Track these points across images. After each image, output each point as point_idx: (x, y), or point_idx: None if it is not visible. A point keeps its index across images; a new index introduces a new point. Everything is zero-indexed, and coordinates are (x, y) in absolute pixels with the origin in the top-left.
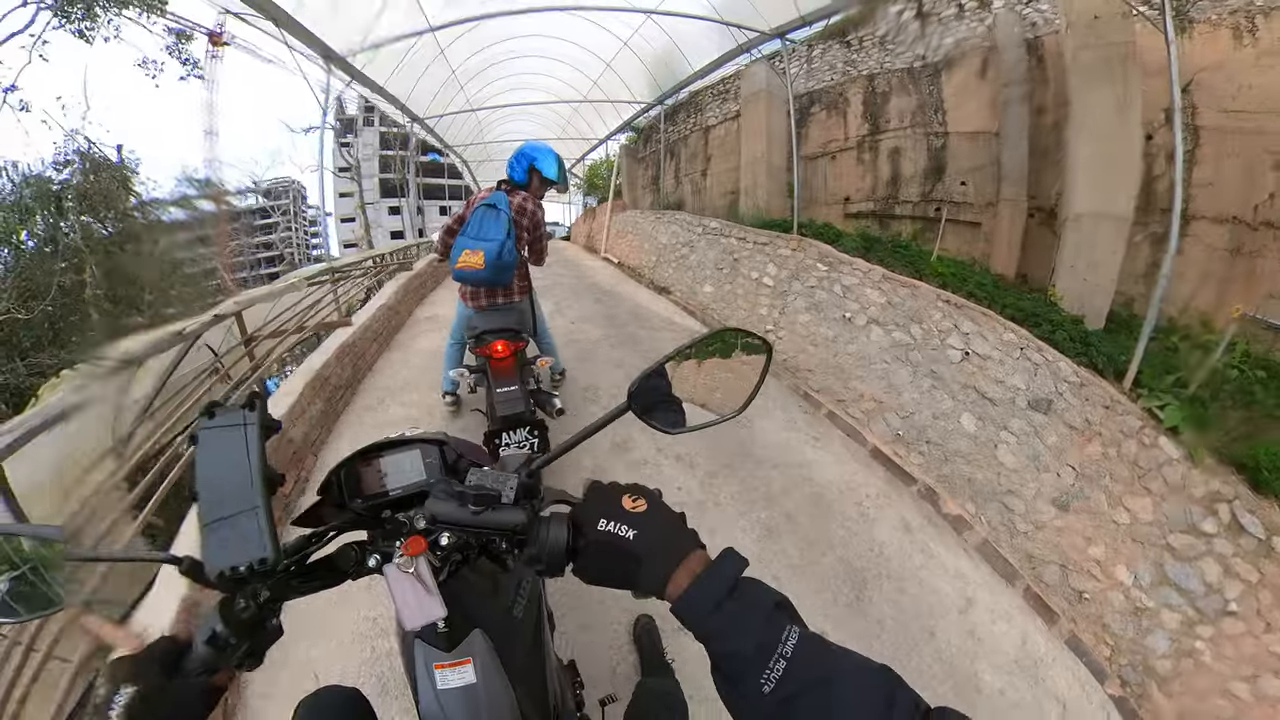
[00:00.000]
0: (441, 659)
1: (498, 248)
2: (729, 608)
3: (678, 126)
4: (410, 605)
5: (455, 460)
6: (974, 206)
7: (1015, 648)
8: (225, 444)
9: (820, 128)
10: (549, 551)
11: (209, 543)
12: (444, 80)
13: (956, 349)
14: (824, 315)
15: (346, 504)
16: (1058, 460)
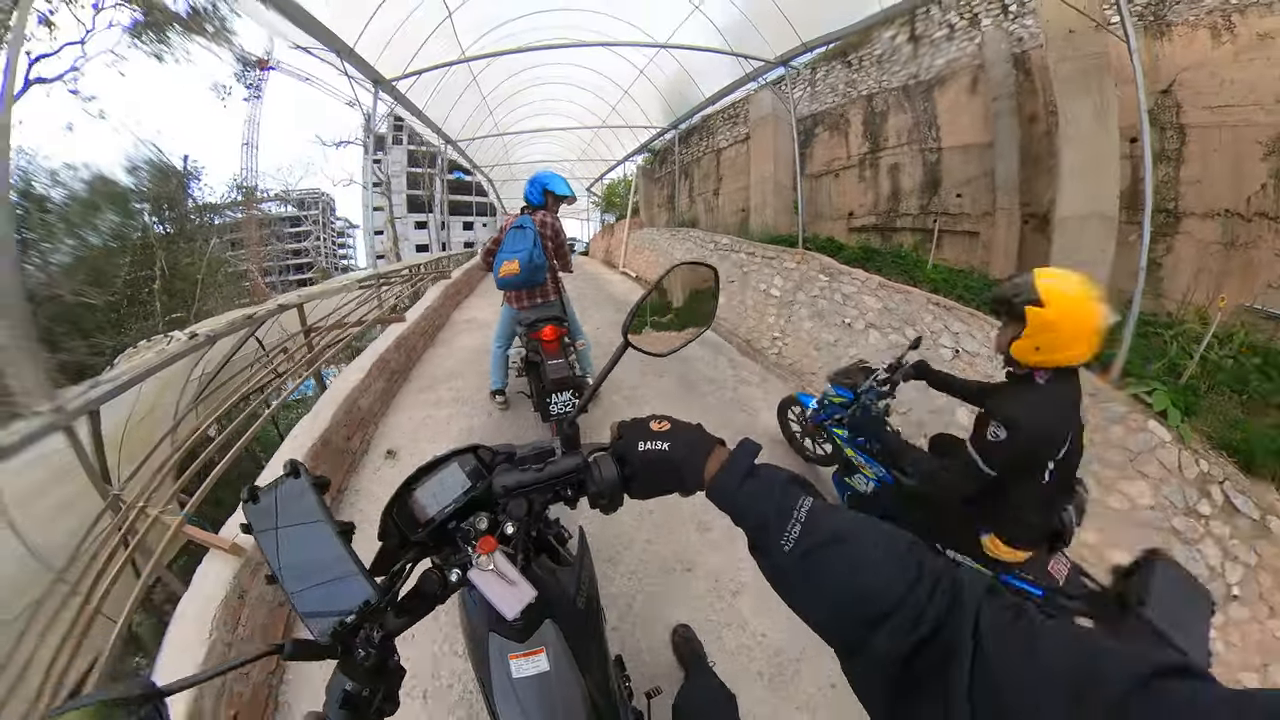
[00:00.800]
0: (515, 649)
1: (527, 255)
2: (749, 485)
3: (691, 148)
4: (501, 596)
5: (492, 458)
6: (970, 216)
7: None
8: (285, 517)
9: (824, 147)
10: (607, 485)
11: (307, 611)
12: (475, 106)
13: (948, 348)
14: (826, 322)
15: (409, 538)
16: None
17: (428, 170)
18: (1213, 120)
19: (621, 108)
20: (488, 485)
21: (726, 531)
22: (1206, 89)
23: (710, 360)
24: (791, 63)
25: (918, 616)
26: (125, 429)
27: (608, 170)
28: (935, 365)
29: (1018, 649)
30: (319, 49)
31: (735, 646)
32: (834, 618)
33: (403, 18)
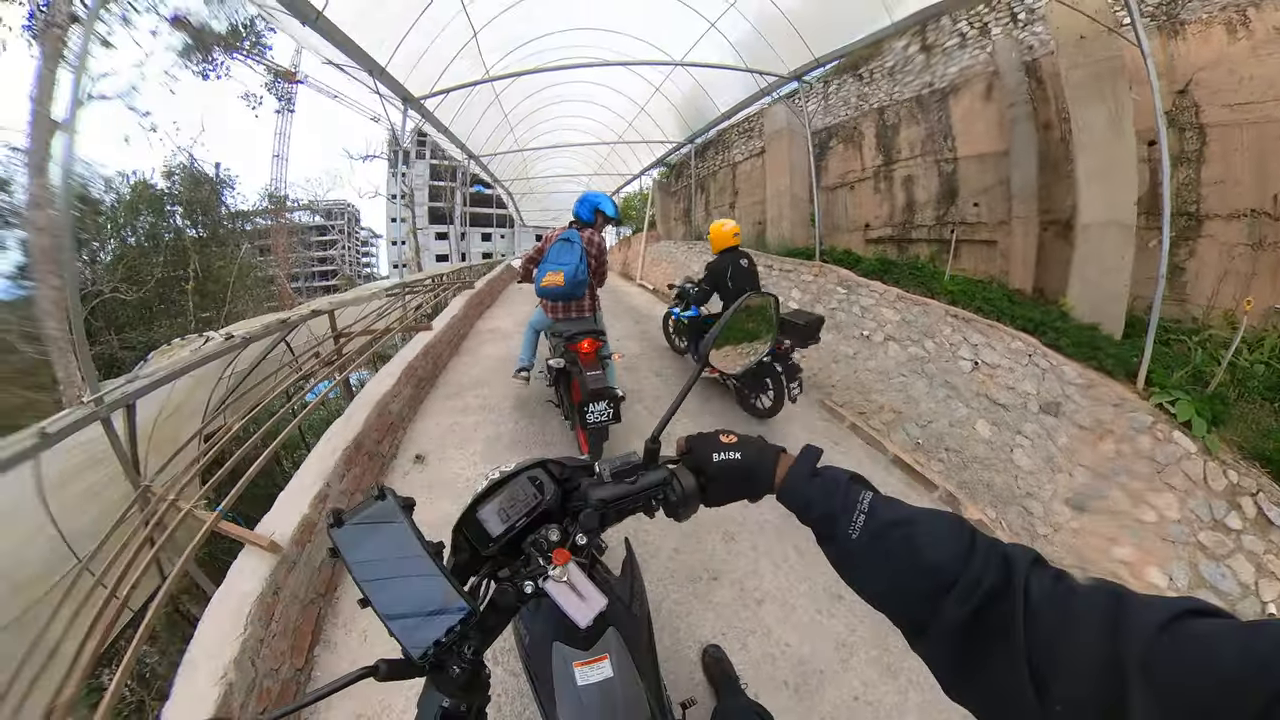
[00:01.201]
0: (580, 657)
1: (573, 269)
2: (816, 483)
3: (707, 162)
4: (576, 606)
5: (561, 471)
6: (988, 226)
7: None
8: (372, 540)
9: (839, 160)
10: (687, 494)
11: (403, 632)
12: (497, 122)
13: (967, 360)
14: (844, 334)
15: (480, 553)
16: (1070, 461)
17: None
18: (1233, 118)
19: (638, 123)
20: (559, 498)
21: (751, 540)
22: (1225, 87)
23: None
24: (804, 77)
25: (975, 583)
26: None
27: (625, 184)
28: (954, 377)
29: (1063, 609)
30: (352, 67)
31: (760, 655)
32: (901, 593)
33: (431, 38)
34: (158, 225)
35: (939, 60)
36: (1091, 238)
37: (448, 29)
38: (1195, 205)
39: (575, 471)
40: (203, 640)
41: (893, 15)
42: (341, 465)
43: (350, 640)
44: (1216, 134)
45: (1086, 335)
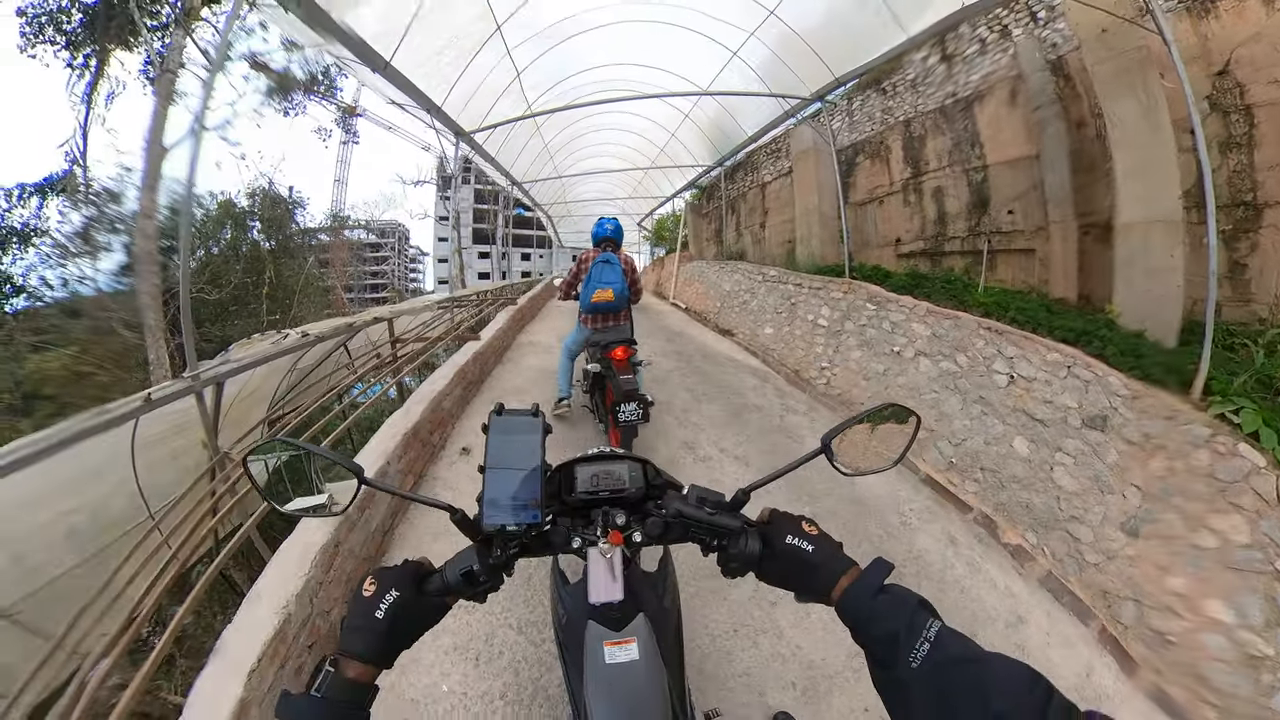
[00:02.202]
0: (611, 636)
1: (620, 286)
2: (881, 599)
3: (736, 183)
4: (601, 583)
5: (655, 476)
6: (1024, 234)
7: (1077, 677)
8: (512, 435)
9: (866, 175)
10: (745, 556)
11: (491, 503)
12: (538, 151)
13: (1002, 374)
14: (874, 351)
15: (563, 497)
16: (1121, 480)
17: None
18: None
19: (669, 149)
20: (641, 494)
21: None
22: (1267, 62)
23: (758, 389)
24: (826, 97)
25: None
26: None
27: (658, 206)
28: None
29: None
30: (412, 106)
31: (770, 654)
32: None
33: (480, 80)
34: (238, 238)
35: (960, 69)
36: (1134, 238)
37: (494, 71)
38: (1252, 193)
39: (666, 485)
40: (269, 576)
41: (908, 30)
42: (400, 448)
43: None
44: (1266, 114)
45: (1132, 343)
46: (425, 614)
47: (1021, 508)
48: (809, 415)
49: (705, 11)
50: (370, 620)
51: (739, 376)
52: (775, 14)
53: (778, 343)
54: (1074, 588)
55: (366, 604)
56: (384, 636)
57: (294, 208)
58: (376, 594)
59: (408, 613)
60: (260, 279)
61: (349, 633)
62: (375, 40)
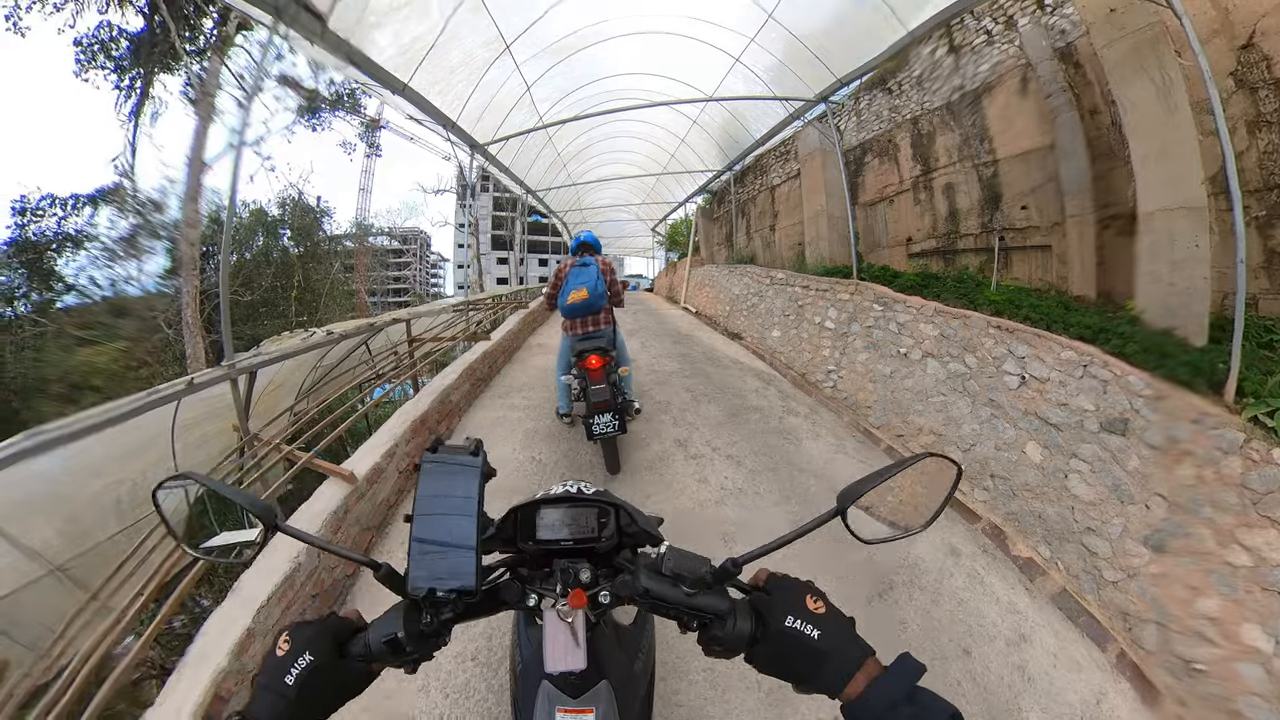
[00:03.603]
0: (566, 704)
1: (593, 284)
2: (905, 712)
3: (746, 187)
4: (558, 650)
5: (630, 524)
6: (1040, 229)
7: (1085, 704)
8: (447, 479)
9: (875, 175)
10: (734, 640)
11: (417, 562)
12: (551, 160)
13: (1013, 374)
14: (881, 352)
15: (517, 542)
16: (1143, 489)
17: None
18: None
19: (680, 154)
20: (613, 544)
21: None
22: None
23: (761, 391)
24: (830, 99)
25: None
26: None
27: (670, 211)
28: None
29: None
30: (429, 122)
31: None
32: None
33: (492, 95)
34: (270, 244)
35: (967, 61)
36: (1155, 227)
37: (504, 86)
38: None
39: (643, 533)
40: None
41: (907, 25)
42: (409, 433)
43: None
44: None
45: (1155, 340)
46: (344, 683)
47: (1034, 518)
48: (810, 419)
49: (707, 20)
50: (279, 684)
51: (742, 379)
52: (773, 17)
53: (785, 345)
54: (1090, 607)
55: (277, 665)
56: (293, 704)
57: (321, 216)
58: (289, 655)
59: (323, 680)
60: (290, 282)
61: (258, 693)
62: (393, 64)
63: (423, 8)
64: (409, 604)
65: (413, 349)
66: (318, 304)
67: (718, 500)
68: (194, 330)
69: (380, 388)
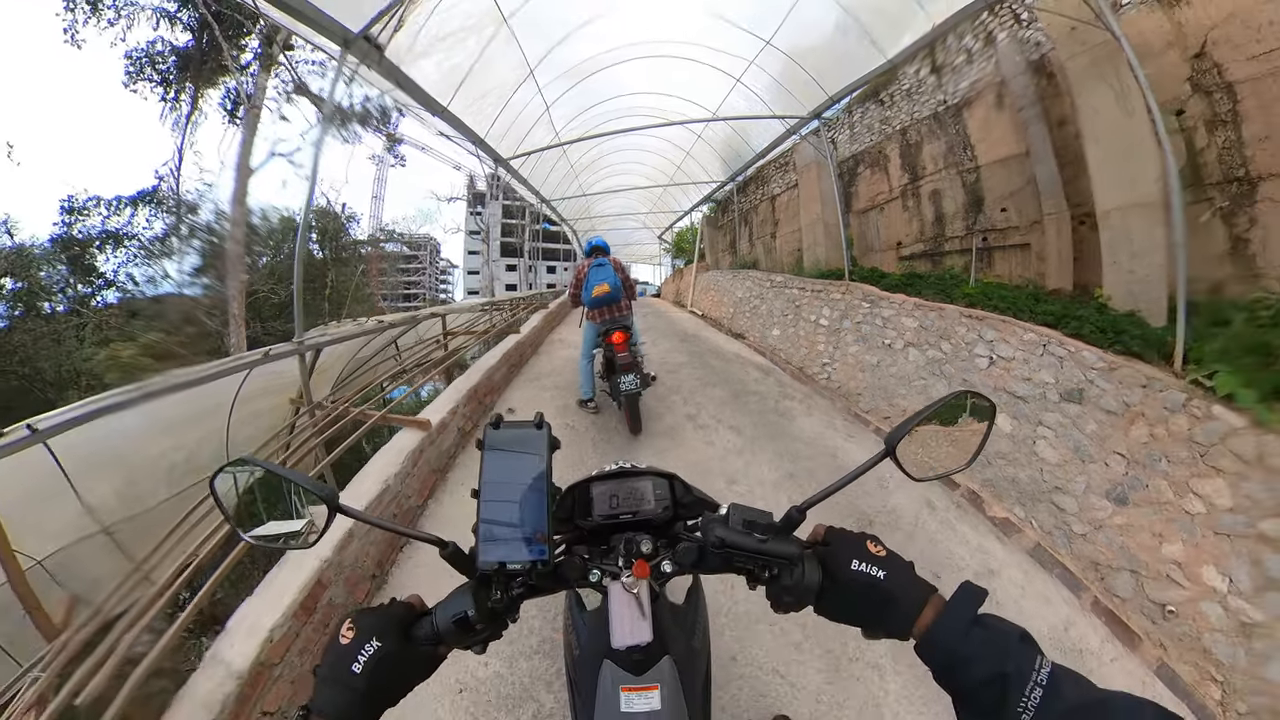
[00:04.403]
0: (630, 682)
1: (612, 280)
2: (976, 635)
3: (748, 197)
4: (624, 623)
5: (685, 493)
6: (1019, 229)
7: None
8: (513, 454)
9: (867, 184)
10: (804, 587)
11: (487, 537)
12: (565, 172)
13: (983, 356)
14: (869, 345)
15: (575, 520)
16: (1102, 449)
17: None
18: (1261, 69)
19: (685, 166)
20: (669, 515)
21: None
22: (1243, 40)
23: (760, 380)
24: (823, 115)
25: None
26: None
27: (676, 220)
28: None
29: None
30: (459, 138)
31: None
32: None
33: (516, 114)
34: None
35: (950, 78)
36: (1114, 223)
37: (528, 107)
38: (1243, 168)
39: (697, 501)
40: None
41: (885, 54)
42: (465, 398)
43: (443, 506)
44: (1248, 89)
45: (1109, 320)
46: (412, 667)
47: (1007, 482)
48: (804, 402)
49: (710, 45)
50: (345, 675)
51: (744, 370)
52: (771, 44)
53: (784, 342)
54: (1064, 559)
55: (342, 653)
56: (362, 696)
57: (348, 222)
58: (354, 642)
59: (391, 667)
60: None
61: (322, 686)
62: (435, 89)
63: (462, 39)
64: (476, 584)
65: (446, 341)
66: (344, 304)
67: (722, 457)
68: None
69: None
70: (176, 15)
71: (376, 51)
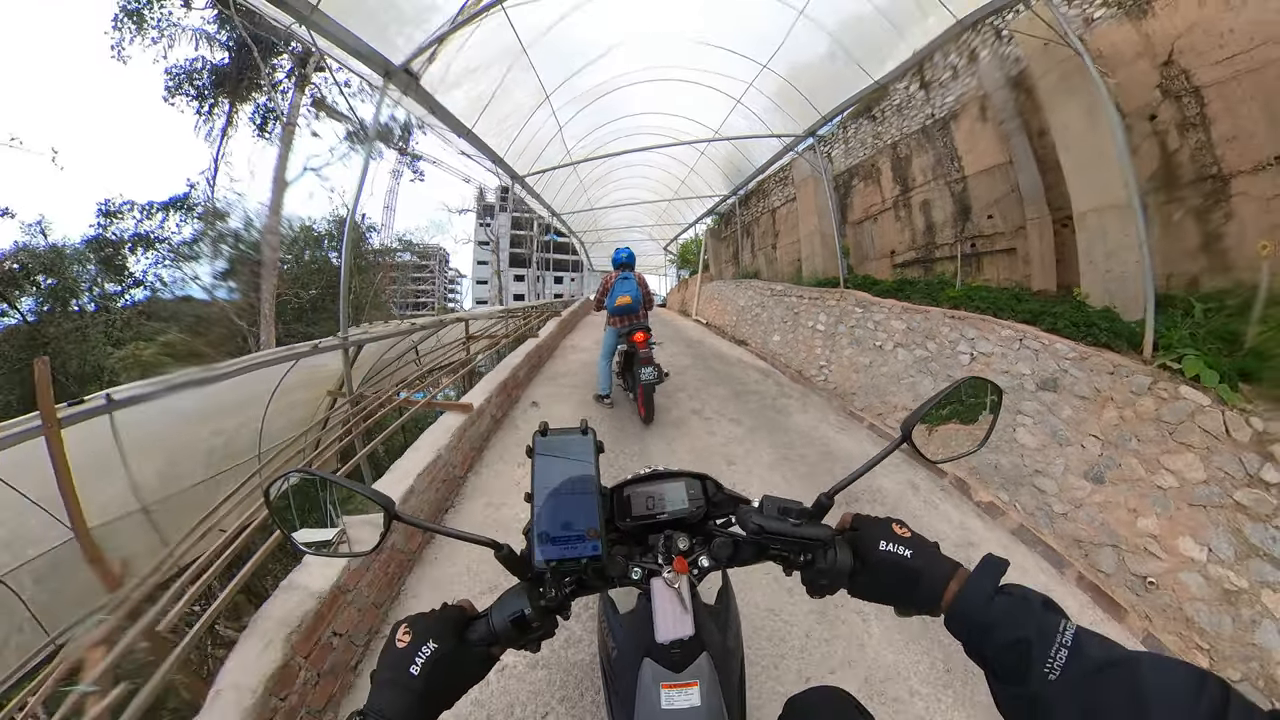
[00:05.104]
0: (670, 679)
1: (636, 293)
2: (1000, 602)
3: (750, 209)
4: (667, 618)
5: (717, 492)
6: (1005, 234)
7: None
8: (561, 458)
9: (861, 196)
10: (838, 570)
11: (542, 536)
12: (574, 187)
13: (965, 353)
14: (862, 347)
15: (614, 522)
16: (1078, 432)
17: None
18: (1226, 74)
19: (690, 181)
20: (702, 514)
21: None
22: (1207, 47)
23: (760, 381)
24: (817, 132)
25: None
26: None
27: (681, 232)
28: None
29: None
30: (479, 156)
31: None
32: None
33: (532, 134)
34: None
35: (937, 93)
36: (1089, 225)
37: (542, 128)
38: (1215, 166)
39: (729, 500)
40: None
41: (873, 75)
42: (498, 390)
43: (481, 478)
44: (1214, 92)
45: (1081, 315)
46: (469, 669)
47: (991, 469)
48: (800, 401)
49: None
50: (404, 677)
51: (745, 373)
52: (767, 66)
53: (784, 348)
54: (1047, 538)
55: (399, 657)
56: (420, 697)
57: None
58: (411, 645)
59: (448, 668)
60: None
61: (379, 689)
62: (462, 113)
63: (487, 69)
64: (528, 583)
65: (468, 344)
66: (363, 309)
67: (723, 443)
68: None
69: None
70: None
71: (413, 81)
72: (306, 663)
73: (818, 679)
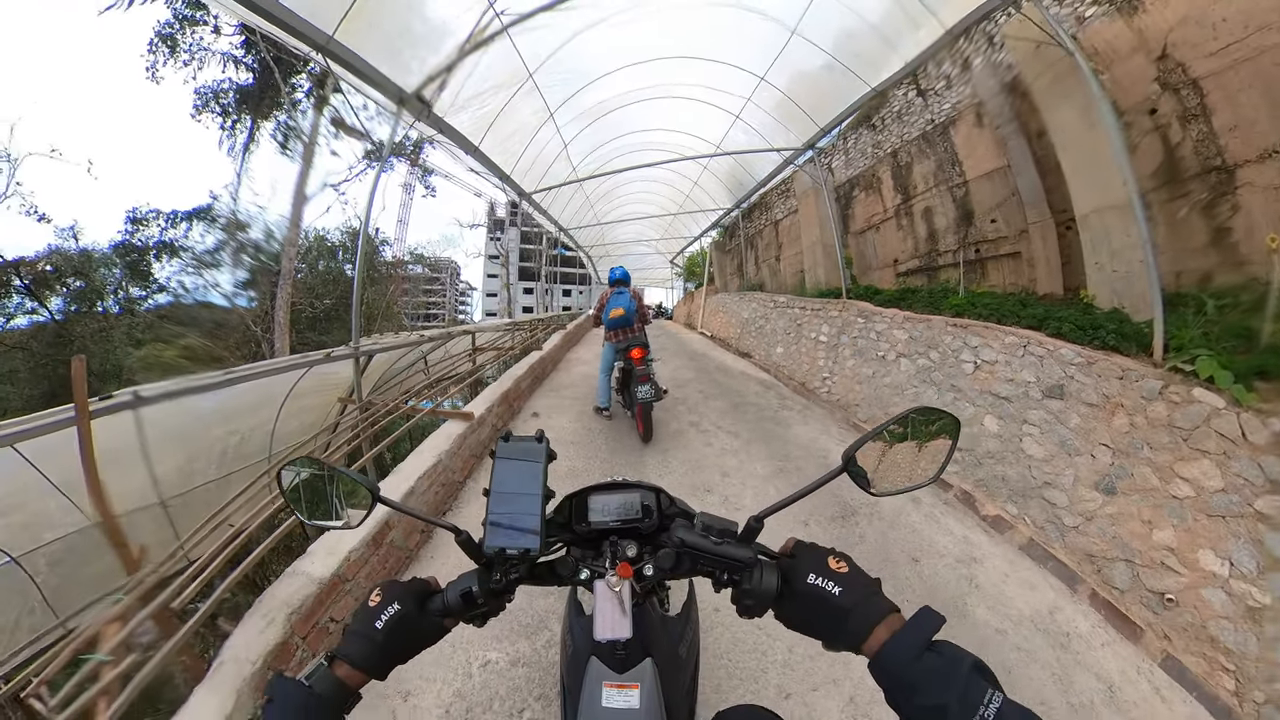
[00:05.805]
0: (612, 678)
1: (629, 305)
2: (928, 660)
3: (753, 222)
4: (607, 618)
5: (669, 505)
6: (1009, 239)
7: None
8: (518, 462)
9: (863, 206)
10: (760, 593)
11: (492, 528)
12: (581, 203)
13: (969, 362)
14: (865, 358)
15: (572, 526)
16: (1087, 441)
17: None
18: (1222, 64)
19: (694, 195)
20: (654, 525)
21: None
22: (1200, 40)
23: (761, 393)
24: (817, 145)
25: None
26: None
27: (686, 245)
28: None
29: None
30: (485, 173)
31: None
32: None
33: (538, 151)
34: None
35: (934, 100)
36: (1092, 226)
37: (548, 145)
38: (1219, 157)
39: (679, 514)
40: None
41: (870, 83)
42: (499, 400)
43: (479, 483)
44: (1212, 83)
45: (1087, 319)
46: (423, 632)
47: (998, 481)
48: (801, 413)
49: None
50: (369, 629)
51: (747, 385)
52: (765, 79)
53: (787, 359)
54: (1058, 553)
55: (368, 613)
56: (379, 648)
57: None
58: (379, 605)
59: (406, 628)
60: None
61: (348, 637)
62: (470, 132)
63: (493, 93)
64: (481, 568)
65: (474, 355)
66: (375, 319)
67: (719, 455)
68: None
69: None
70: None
71: (425, 107)
72: (304, 643)
73: (799, 695)
